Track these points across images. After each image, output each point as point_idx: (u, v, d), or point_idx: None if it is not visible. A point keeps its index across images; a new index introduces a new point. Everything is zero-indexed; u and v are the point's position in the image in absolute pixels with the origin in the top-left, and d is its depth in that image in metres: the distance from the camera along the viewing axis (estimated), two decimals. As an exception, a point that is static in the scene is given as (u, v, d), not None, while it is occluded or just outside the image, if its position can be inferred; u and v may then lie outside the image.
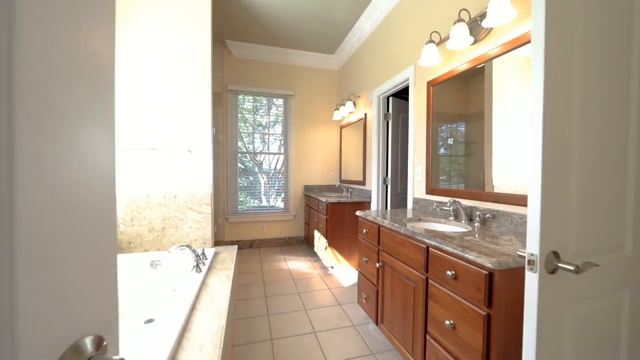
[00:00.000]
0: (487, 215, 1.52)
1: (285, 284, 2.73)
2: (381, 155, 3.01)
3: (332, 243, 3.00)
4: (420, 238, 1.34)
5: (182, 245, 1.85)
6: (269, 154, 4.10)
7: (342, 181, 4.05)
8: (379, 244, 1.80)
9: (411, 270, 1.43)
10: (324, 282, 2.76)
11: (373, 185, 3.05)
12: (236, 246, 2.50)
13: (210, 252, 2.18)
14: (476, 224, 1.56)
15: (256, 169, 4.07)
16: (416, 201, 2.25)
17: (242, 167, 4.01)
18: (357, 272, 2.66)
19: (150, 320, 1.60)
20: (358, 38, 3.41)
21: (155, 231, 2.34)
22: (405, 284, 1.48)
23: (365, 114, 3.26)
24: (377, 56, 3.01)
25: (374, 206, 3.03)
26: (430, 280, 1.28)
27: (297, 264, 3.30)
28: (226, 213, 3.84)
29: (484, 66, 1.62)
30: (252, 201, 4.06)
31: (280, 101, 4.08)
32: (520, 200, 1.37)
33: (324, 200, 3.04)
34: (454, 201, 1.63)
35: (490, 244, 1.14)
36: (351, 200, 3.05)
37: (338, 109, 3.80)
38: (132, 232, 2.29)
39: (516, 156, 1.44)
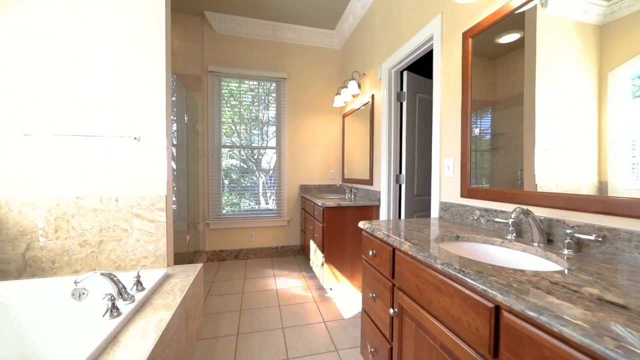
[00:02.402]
0: (591, 237, 0.85)
1: (269, 313, 2.10)
2: (393, 146, 2.35)
3: (331, 258, 2.35)
4: (480, 286, 0.68)
5: (97, 273, 1.24)
6: (259, 148, 3.48)
7: (345, 180, 3.41)
8: (393, 276, 1.15)
9: (458, 342, 0.77)
10: (319, 311, 2.12)
11: (382, 185, 2.39)
12: (200, 265, 1.88)
13: (156, 276, 1.57)
14: (566, 251, 0.89)
15: (244, 165, 3.46)
16: (445, 207, 1.58)
17: (230, 163, 3.41)
18: (360, 297, 2.02)
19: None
20: (363, 3, 2.76)
21: (89, 246, 1.74)
22: (444, 360, 0.82)
23: (373, 97, 2.60)
24: (388, 18, 2.36)
25: (383, 212, 2.37)
26: (503, 377, 0.63)
27: (288, 283, 2.66)
28: (206, 217, 3.24)
29: (574, -20, 0.95)
30: (239, 203, 3.45)
31: (271, 85, 3.46)
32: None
33: (319, 203, 2.40)
34: (523, 210, 0.96)
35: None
36: (354, 204, 2.39)
37: (339, 93, 3.16)
38: (57, 247, 1.70)
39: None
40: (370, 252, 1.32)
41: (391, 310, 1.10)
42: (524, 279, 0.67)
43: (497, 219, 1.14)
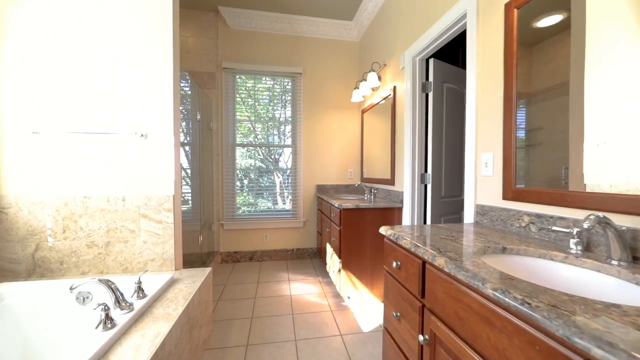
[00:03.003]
0: None
1: (281, 322, 1.95)
2: (418, 142, 2.12)
3: (348, 264, 2.17)
4: (559, 330, 0.48)
5: (95, 280, 1.15)
6: (273, 146, 3.36)
7: (363, 180, 3.20)
8: (422, 295, 0.95)
9: (518, 396, 0.57)
10: (335, 322, 1.95)
11: (406, 184, 2.17)
12: (209, 270, 1.77)
13: (160, 281, 1.47)
14: (665, 275, 0.66)
15: (262, 165, 3.35)
16: (483, 211, 1.35)
17: (249, 163, 3.32)
18: (381, 308, 1.82)
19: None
20: (384, -12, 2.55)
21: (96, 247, 1.68)
22: (496, 416, 0.62)
23: (395, 89, 2.39)
24: (413, 1, 2.14)
25: (406, 215, 2.15)
26: None
27: (303, 288, 2.51)
28: (221, 218, 3.16)
29: None
30: (256, 203, 3.35)
31: (287, 83, 3.33)
32: None
33: (336, 204, 2.22)
34: (599, 218, 0.74)
35: None
36: (374, 206, 2.20)
37: (358, 88, 2.96)
38: (65, 248, 1.65)
39: None
40: (394, 264, 1.13)
41: (421, 337, 0.91)
42: (626, 320, 0.46)
43: (554, 227, 0.91)
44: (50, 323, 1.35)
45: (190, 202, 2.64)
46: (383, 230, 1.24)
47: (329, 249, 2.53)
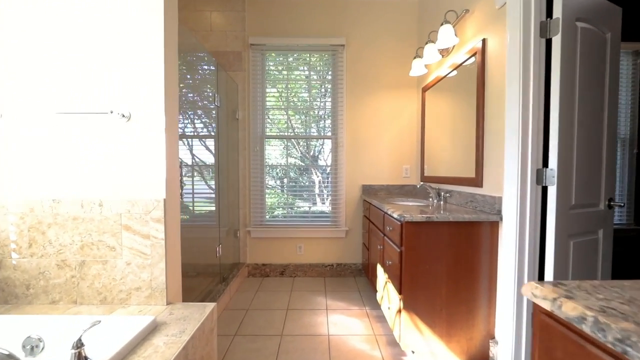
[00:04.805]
0: None
1: (314, 385, 1.34)
2: (532, 122, 1.33)
3: (413, 303, 1.47)
4: None
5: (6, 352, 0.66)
6: (308, 137, 2.77)
7: (425, 179, 2.44)
8: None
9: None
10: (396, 397, 1.27)
11: (507, 186, 1.39)
12: (212, 306, 1.23)
13: (131, 328, 0.96)
14: None
15: (301, 163, 2.80)
16: None
17: (289, 162, 2.79)
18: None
19: None
20: None
21: (68, 268, 1.25)
22: None
23: (484, 42, 1.61)
24: None
25: (509, 233, 1.37)
26: None
27: (345, 324, 1.87)
28: (247, 224, 2.68)
29: None
30: (293, 203, 2.80)
31: (325, 57, 2.71)
32: None
33: (395, 215, 1.53)
34: None
35: None
36: (455, 218, 1.46)
37: (419, 56, 2.22)
38: (32, 268, 1.25)
39: None
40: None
41: None
42: None
43: None
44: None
45: (214, 204, 2.18)
46: (531, 289, 0.54)
47: (381, 274, 1.85)
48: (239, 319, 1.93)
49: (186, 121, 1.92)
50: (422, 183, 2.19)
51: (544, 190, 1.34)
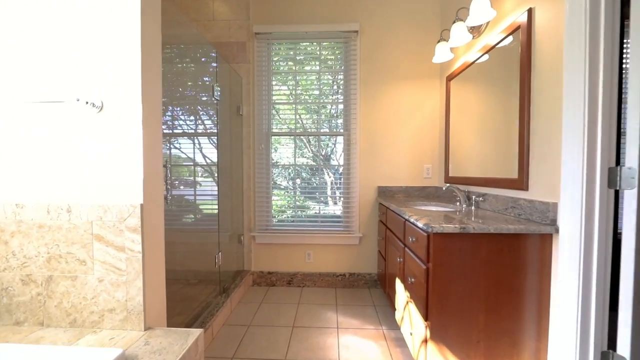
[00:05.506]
0: None
1: None
2: (602, 110, 1.03)
3: (442, 332, 1.20)
4: None
5: None
6: (318, 134, 2.54)
7: (450, 179, 2.15)
8: None
9: None
10: None
11: (565, 190, 1.09)
12: (198, 332, 1.02)
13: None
14: None
15: (313, 163, 2.57)
16: None
17: (301, 162, 2.58)
18: None
19: None
20: None
21: (34, 284, 1.07)
22: None
23: (530, 13, 1.31)
24: None
25: (566, 249, 1.07)
26: None
27: (359, 349, 1.62)
28: (252, 228, 2.47)
29: None
30: (305, 205, 2.58)
31: (337, 45, 2.47)
32: None
33: (421, 224, 1.27)
34: None
35: None
36: (495, 230, 1.17)
37: (444, 39, 1.94)
38: (-4, 283, 1.08)
39: None
40: None
41: None
42: None
43: None
44: None
45: (214, 207, 1.99)
46: None
47: (401, 291, 1.58)
48: (239, 337, 1.71)
49: (180, 116, 1.73)
50: (448, 185, 1.90)
51: (617, 194, 1.04)
